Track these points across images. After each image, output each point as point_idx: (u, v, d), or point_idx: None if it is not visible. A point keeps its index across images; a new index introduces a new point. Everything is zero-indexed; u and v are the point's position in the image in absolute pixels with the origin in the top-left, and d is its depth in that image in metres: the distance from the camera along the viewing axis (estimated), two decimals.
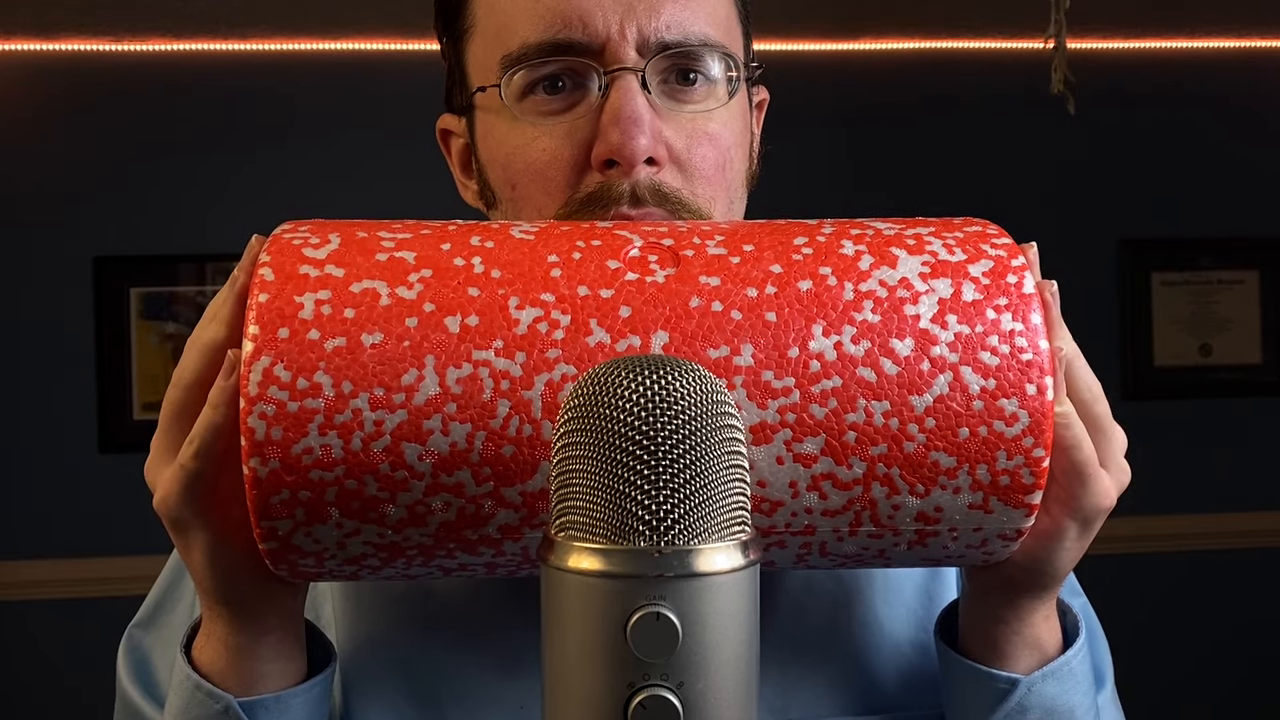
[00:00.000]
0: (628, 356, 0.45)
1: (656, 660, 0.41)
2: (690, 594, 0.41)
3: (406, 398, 0.53)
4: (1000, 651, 0.64)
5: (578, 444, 0.43)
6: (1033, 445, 0.55)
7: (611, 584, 0.41)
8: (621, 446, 0.42)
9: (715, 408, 0.43)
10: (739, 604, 0.42)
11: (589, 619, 0.41)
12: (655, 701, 0.41)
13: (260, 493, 0.53)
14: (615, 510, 0.42)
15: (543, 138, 0.70)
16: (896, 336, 0.54)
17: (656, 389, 0.42)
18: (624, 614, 0.41)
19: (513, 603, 0.71)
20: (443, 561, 0.57)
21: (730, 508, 0.43)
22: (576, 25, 0.69)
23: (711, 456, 0.42)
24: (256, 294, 0.54)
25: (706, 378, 0.43)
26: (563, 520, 0.43)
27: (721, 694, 0.42)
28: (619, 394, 0.42)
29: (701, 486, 0.42)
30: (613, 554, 0.41)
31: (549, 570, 0.43)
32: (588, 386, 0.43)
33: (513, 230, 0.58)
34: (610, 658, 0.41)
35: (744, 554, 0.42)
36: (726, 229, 0.59)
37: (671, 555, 0.41)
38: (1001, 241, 0.58)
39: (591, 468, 0.42)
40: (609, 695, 0.41)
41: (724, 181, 0.72)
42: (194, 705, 0.62)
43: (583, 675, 0.42)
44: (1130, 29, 3.00)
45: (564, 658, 0.42)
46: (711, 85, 0.72)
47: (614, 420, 0.42)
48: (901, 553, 0.58)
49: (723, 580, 0.42)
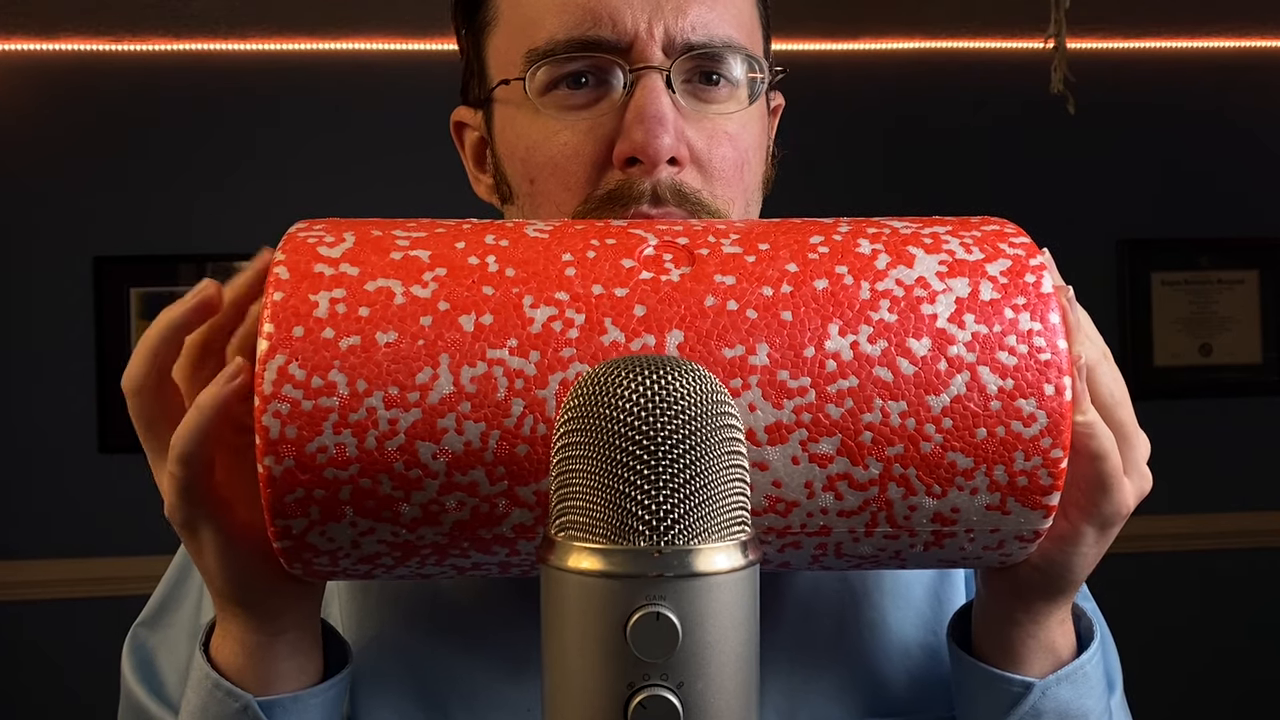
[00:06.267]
0: (627, 356, 0.45)
1: (656, 660, 0.41)
2: (690, 594, 0.41)
3: (421, 396, 0.52)
4: (1014, 655, 0.64)
5: (577, 444, 0.43)
6: (1051, 446, 0.54)
7: (611, 584, 0.41)
8: (621, 446, 0.42)
9: (715, 408, 0.43)
10: (739, 604, 0.42)
11: (589, 619, 0.41)
12: (655, 701, 0.41)
13: (275, 491, 0.53)
14: (615, 510, 0.42)
15: (564, 132, 0.70)
16: (913, 336, 0.54)
17: (656, 389, 0.42)
18: (624, 614, 0.41)
19: (520, 604, 0.70)
20: (457, 561, 0.57)
21: (730, 508, 0.43)
22: (606, 23, 0.69)
23: (711, 456, 0.42)
24: (272, 292, 0.54)
25: (706, 378, 0.43)
26: (563, 520, 0.43)
27: (721, 694, 0.42)
28: (619, 394, 0.42)
29: (701, 486, 0.42)
30: (613, 554, 0.41)
31: (549, 570, 0.43)
32: (587, 386, 0.43)
33: (527, 229, 0.58)
34: (610, 658, 0.41)
35: (744, 554, 0.42)
36: (742, 228, 0.59)
37: (671, 555, 0.41)
38: (1019, 240, 0.58)
39: (591, 468, 0.42)
40: (609, 695, 0.41)
41: (742, 183, 0.72)
42: (213, 704, 0.62)
43: (583, 675, 0.42)
44: (1130, 29, 3.00)
45: (564, 658, 0.42)
46: (734, 87, 0.72)
47: (614, 420, 0.42)
48: (918, 554, 0.57)
49: (723, 580, 0.42)
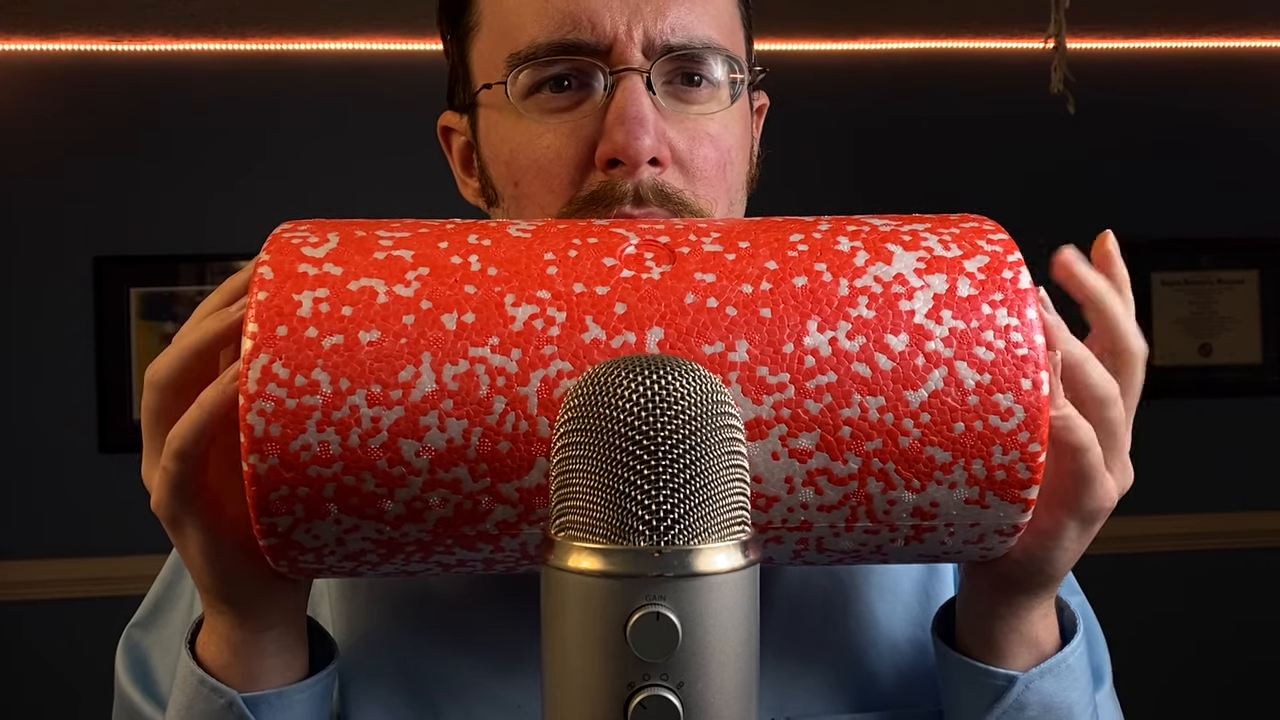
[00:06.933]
0: (628, 356, 0.45)
1: (656, 660, 0.41)
2: (690, 594, 0.41)
3: (404, 394, 0.53)
4: (998, 649, 0.64)
5: (578, 444, 0.43)
6: (1028, 440, 0.54)
7: (611, 584, 0.41)
8: (621, 446, 0.42)
9: (715, 407, 0.43)
10: (739, 604, 0.42)
11: (589, 619, 0.41)
12: (655, 701, 0.41)
13: (259, 489, 0.53)
14: (615, 510, 0.41)
15: (547, 135, 0.70)
16: (891, 332, 0.54)
17: (656, 389, 0.42)
18: (624, 614, 0.41)
19: (509, 601, 0.71)
20: (442, 558, 0.57)
21: (730, 507, 0.43)
22: (585, 26, 0.69)
23: (711, 456, 0.42)
24: (256, 292, 0.54)
25: (707, 377, 0.43)
26: (563, 520, 0.43)
27: (721, 694, 0.42)
28: (619, 394, 0.42)
29: (701, 486, 0.42)
30: (613, 554, 0.41)
31: (549, 570, 0.43)
32: (587, 386, 0.43)
33: (510, 229, 0.58)
34: (610, 658, 0.41)
35: (744, 554, 0.42)
36: (723, 226, 0.59)
37: (671, 555, 0.41)
38: (998, 237, 0.58)
39: (591, 468, 0.42)
40: (609, 695, 0.41)
41: (725, 183, 0.72)
42: (198, 700, 0.62)
43: (583, 675, 0.42)
44: (1130, 29, 3.00)
45: (564, 658, 0.42)
46: (715, 88, 0.72)
47: (614, 420, 0.42)
48: (899, 549, 0.58)
49: (723, 580, 0.42)
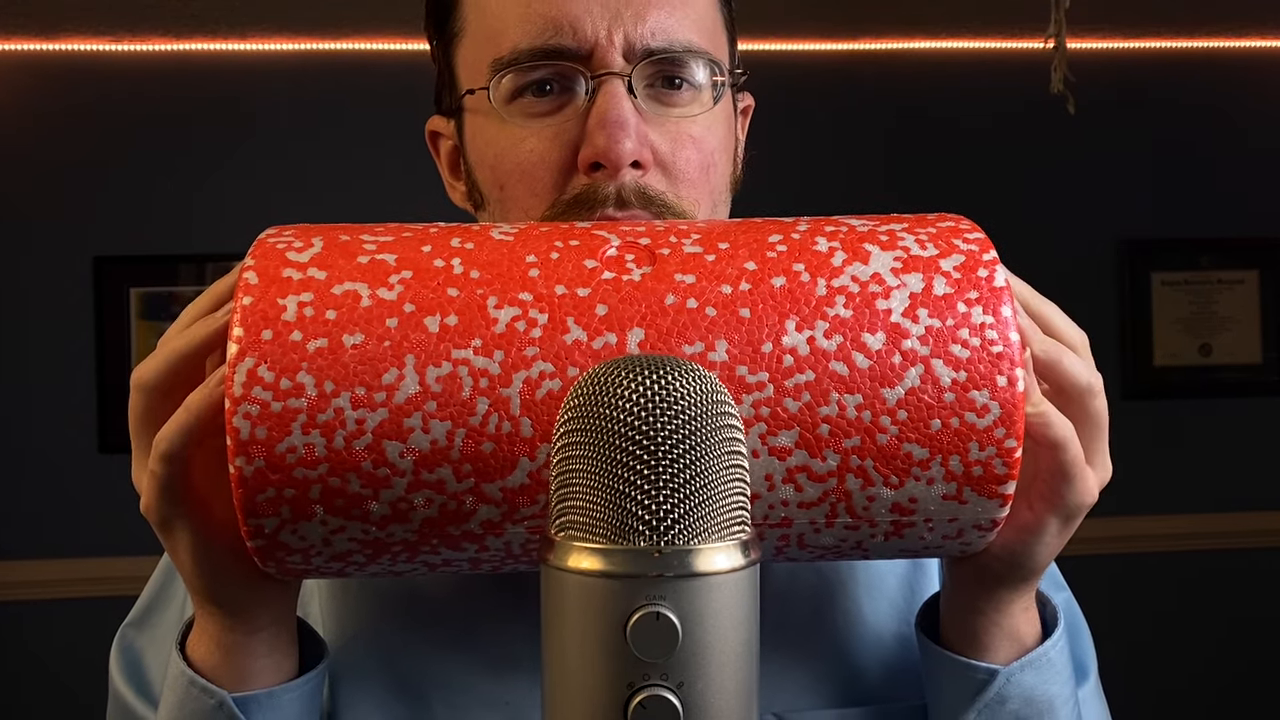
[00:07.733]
0: (628, 356, 0.45)
1: (656, 660, 0.41)
2: (690, 594, 0.41)
3: (387, 396, 0.53)
4: (979, 642, 0.65)
5: (578, 444, 0.43)
6: (1004, 436, 0.55)
7: (611, 584, 0.41)
8: (621, 446, 0.42)
9: (715, 408, 0.43)
10: (739, 604, 0.42)
11: (589, 619, 0.41)
12: (655, 701, 0.41)
13: (246, 491, 0.54)
14: (615, 510, 0.42)
15: (530, 139, 0.71)
16: (868, 330, 0.55)
17: (656, 389, 0.42)
18: (624, 614, 0.41)
19: (499, 599, 0.71)
20: (427, 558, 0.58)
21: (730, 507, 0.43)
22: (567, 31, 0.70)
23: (711, 456, 0.42)
24: (241, 297, 0.55)
25: (707, 378, 0.43)
26: (562, 520, 0.43)
27: (721, 694, 0.42)
28: (619, 394, 0.42)
29: (701, 486, 0.42)
30: (613, 554, 0.41)
31: (549, 570, 0.43)
32: (588, 386, 0.43)
33: (493, 232, 0.59)
34: (610, 658, 0.41)
35: (744, 554, 0.42)
36: (703, 228, 0.60)
37: (671, 555, 0.41)
38: (974, 236, 0.59)
39: (591, 468, 0.42)
40: (609, 695, 0.41)
41: (708, 185, 0.73)
42: (188, 701, 0.63)
43: (583, 675, 0.42)
44: (1130, 29, 3.00)
45: (564, 658, 0.42)
46: (696, 91, 0.73)
47: (614, 420, 0.42)
48: (879, 544, 0.59)
49: (723, 580, 0.42)
